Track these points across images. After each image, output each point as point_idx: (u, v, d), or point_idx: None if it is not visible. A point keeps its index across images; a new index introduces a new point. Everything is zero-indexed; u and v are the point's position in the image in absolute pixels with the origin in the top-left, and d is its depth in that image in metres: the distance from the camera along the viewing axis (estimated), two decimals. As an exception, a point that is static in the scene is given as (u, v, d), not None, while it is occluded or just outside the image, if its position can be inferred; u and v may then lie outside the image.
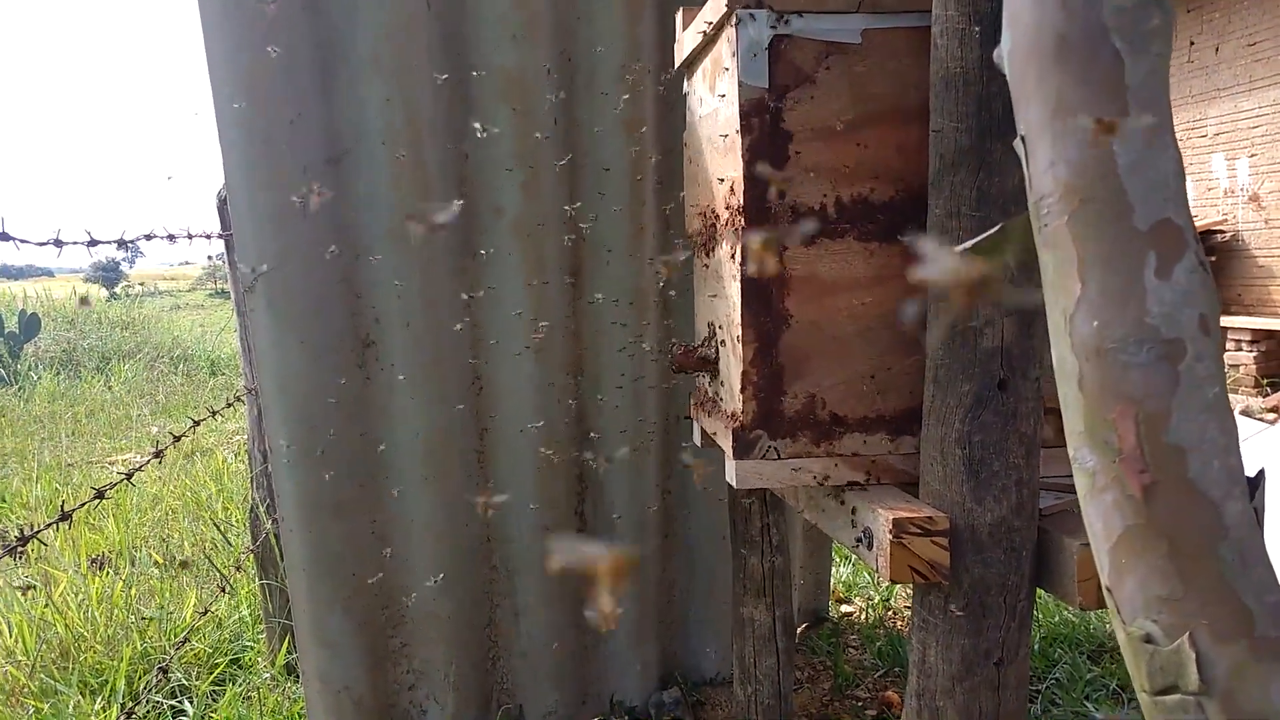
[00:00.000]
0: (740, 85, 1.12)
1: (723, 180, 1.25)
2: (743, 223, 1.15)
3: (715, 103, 1.28)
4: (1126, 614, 0.41)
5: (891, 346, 1.19)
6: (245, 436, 2.88)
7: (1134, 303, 0.39)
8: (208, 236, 2.08)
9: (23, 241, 1.18)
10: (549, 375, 2.00)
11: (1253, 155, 7.09)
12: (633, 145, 1.97)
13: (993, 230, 0.48)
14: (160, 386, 7.88)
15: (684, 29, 1.48)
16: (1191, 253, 0.40)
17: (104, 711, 2.37)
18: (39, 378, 8.22)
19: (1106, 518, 0.41)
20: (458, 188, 1.86)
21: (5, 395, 7.58)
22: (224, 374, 8.69)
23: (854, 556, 3.30)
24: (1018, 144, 0.44)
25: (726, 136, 1.20)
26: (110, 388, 7.90)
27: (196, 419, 1.99)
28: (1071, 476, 1.24)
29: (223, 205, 2.32)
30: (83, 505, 1.35)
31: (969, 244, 0.49)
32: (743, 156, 1.13)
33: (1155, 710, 0.40)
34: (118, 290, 21.19)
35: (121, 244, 1.53)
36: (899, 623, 2.83)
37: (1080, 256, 0.40)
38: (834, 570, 3.04)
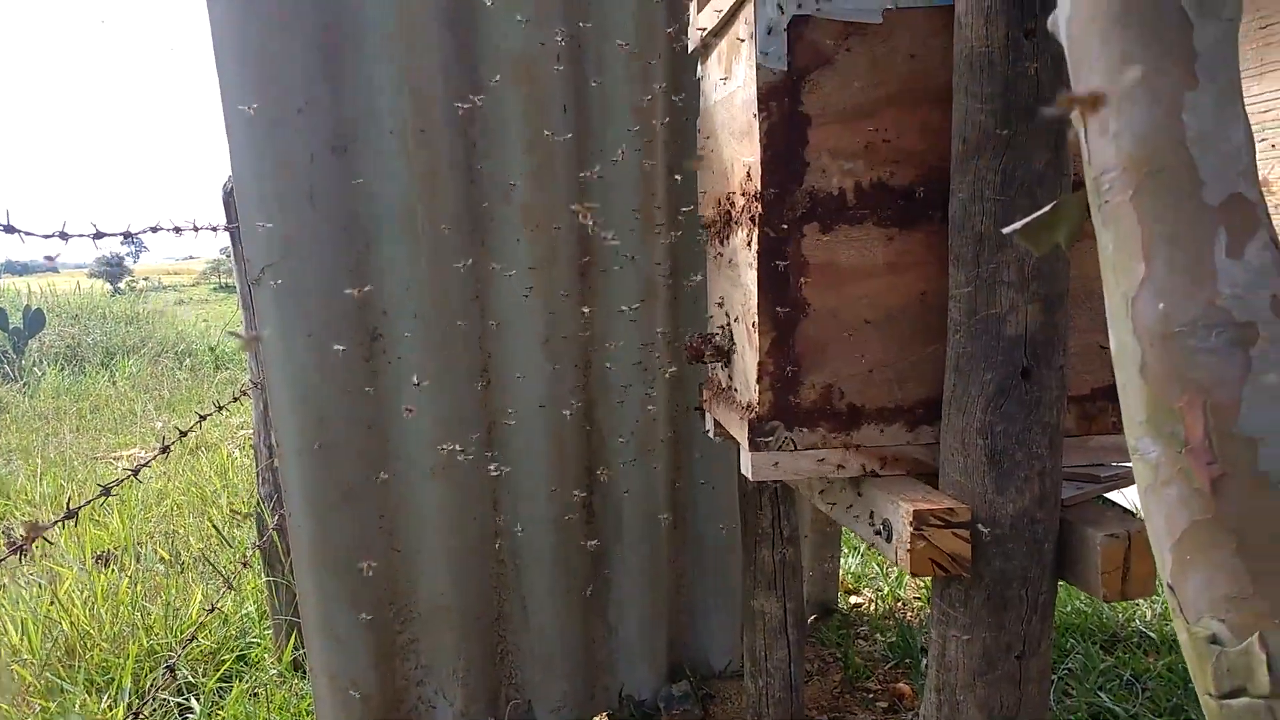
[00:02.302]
0: (758, 68, 1.09)
1: (739, 165, 1.22)
2: (759, 209, 1.12)
3: (731, 86, 1.25)
4: (1190, 613, 0.39)
5: (911, 335, 1.16)
6: (250, 431, 2.86)
7: (1204, 284, 0.37)
8: (214, 229, 2.06)
9: (28, 234, 1.16)
10: (557, 366, 1.98)
11: (1263, 139, 7.04)
12: (644, 130, 1.94)
13: (1044, 209, 0.46)
14: (164, 382, 7.88)
15: (698, 10, 1.45)
16: (1264, 230, 0.37)
17: (110, 710, 2.36)
18: (43, 373, 8.21)
19: (1170, 512, 0.39)
20: (466, 176, 1.83)
21: (10, 391, 7.57)
22: (228, 369, 8.68)
23: (863, 548, 3.29)
24: (1075, 115, 0.41)
25: (743, 120, 1.18)
26: (114, 383, 7.89)
27: (202, 414, 1.97)
28: (1094, 466, 1.22)
29: (229, 197, 2.30)
30: (89, 503, 1.33)
31: (1019, 224, 0.46)
32: (760, 141, 1.10)
33: (1221, 714, 0.38)
34: (122, 285, 21.20)
35: (127, 236, 1.51)
36: (909, 614, 2.81)
37: (1145, 234, 0.38)
38: (843, 561, 3.02)
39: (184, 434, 1.69)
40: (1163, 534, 0.39)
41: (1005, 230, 0.41)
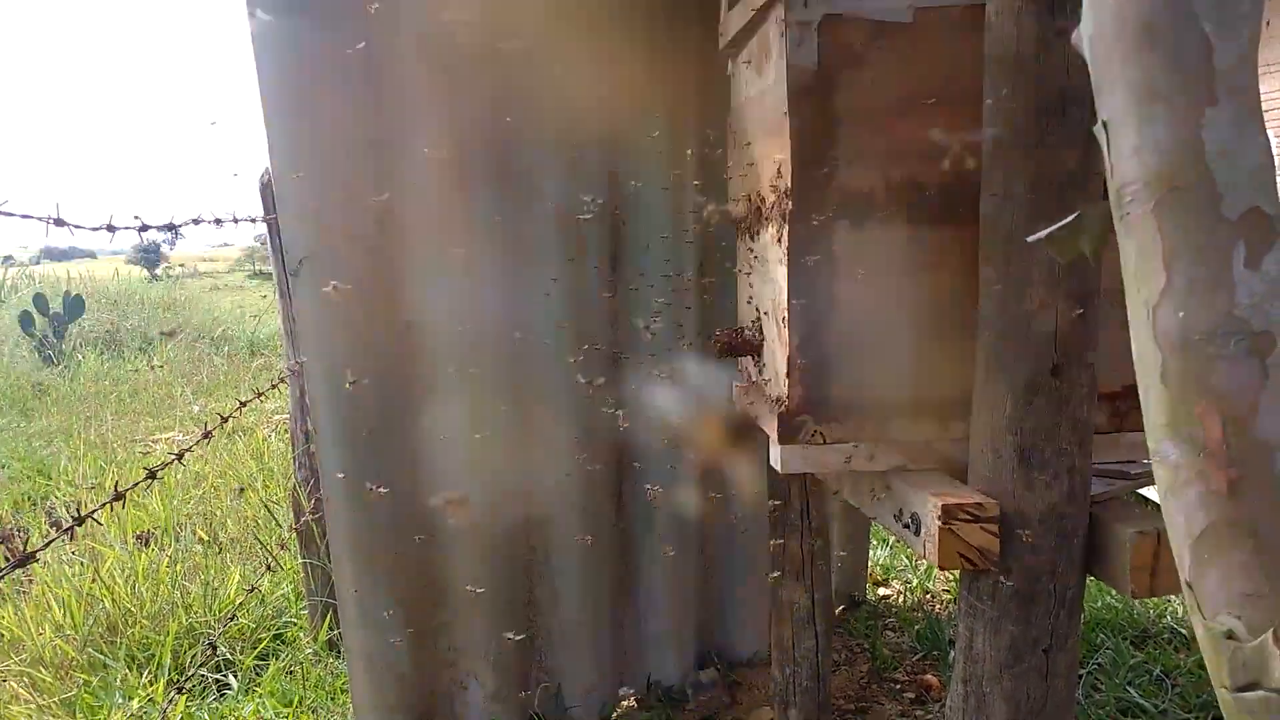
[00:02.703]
0: (789, 66, 1.10)
1: (770, 162, 1.24)
2: (790, 206, 1.14)
3: (763, 84, 1.26)
4: (1208, 610, 0.40)
5: (941, 331, 1.17)
6: (286, 416, 2.91)
7: (1222, 294, 0.38)
8: (252, 220, 2.11)
9: (77, 227, 1.20)
10: (586, 348, 2.00)
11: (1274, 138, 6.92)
12: (676, 127, 1.96)
13: (1070, 218, 0.47)
14: (202, 367, 8.00)
15: (729, 8, 1.46)
16: (1282, 243, 0.39)
17: (151, 684, 2.43)
18: (83, 358, 8.37)
19: (1189, 512, 0.40)
20: (497, 173, 1.86)
21: (50, 375, 7.73)
22: (263, 355, 8.80)
23: (892, 539, 3.29)
24: (1098, 130, 0.43)
25: (774, 118, 1.19)
26: (153, 368, 8.03)
27: (243, 400, 2.02)
28: (1126, 462, 1.23)
29: (265, 188, 2.34)
30: (135, 485, 1.37)
31: (1045, 232, 0.48)
32: (791, 138, 1.12)
33: (1235, 707, 0.40)
34: (159, 272, 21.51)
35: (171, 228, 1.55)
36: (937, 606, 2.82)
37: (1165, 245, 0.39)
38: (871, 553, 3.03)
39: (224, 420, 1.73)
40: (1182, 534, 0.41)
41: (1030, 239, 0.42)
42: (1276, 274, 0.38)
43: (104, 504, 1.23)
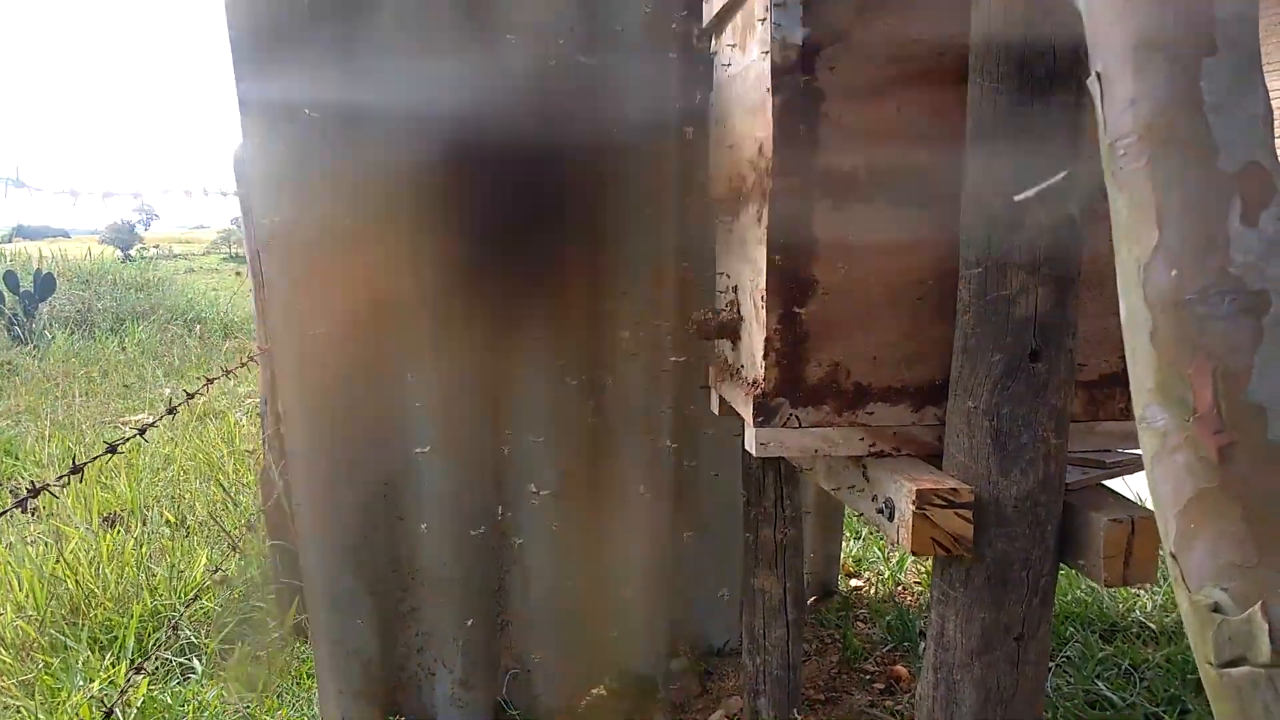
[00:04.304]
0: (773, 42, 1.08)
1: (751, 141, 1.22)
2: (770, 184, 1.12)
3: (745, 61, 1.24)
4: (1193, 581, 0.39)
5: (919, 315, 1.16)
6: (258, 398, 2.87)
7: (1216, 251, 0.37)
8: (224, 193, 2.06)
9: (37, 189, 1.16)
10: (564, 340, 1.97)
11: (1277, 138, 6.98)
12: (656, 104, 1.93)
13: (1058, 177, 0.45)
14: (174, 349, 7.90)
15: (713, -15, 1.44)
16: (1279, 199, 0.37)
17: (113, 667, 2.38)
18: (53, 337, 8.24)
19: (1176, 480, 0.39)
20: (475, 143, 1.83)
21: (20, 354, 7.60)
22: (237, 337, 8.71)
23: (864, 532, 3.29)
24: (1092, 82, 0.41)
25: (756, 95, 1.17)
26: (124, 349, 7.92)
27: (210, 378, 1.98)
28: (1101, 452, 1.22)
29: (240, 163, 2.30)
30: (95, 459, 1.34)
31: (1031, 191, 0.46)
32: (773, 116, 1.10)
33: (1220, 684, 0.38)
34: (132, 253, 21.24)
35: (136, 196, 1.51)
36: (908, 598, 2.82)
37: (1159, 201, 0.38)
38: (844, 545, 3.03)
39: (191, 396, 1.70)
40: (1168, 502, 0.39)
41: (1017, 197, 0.41)
42: (1274, 232, 0.37)
43: (61, 477, 1.20)
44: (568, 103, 1.81)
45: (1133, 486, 2.65)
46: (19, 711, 2.19)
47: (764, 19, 1.11)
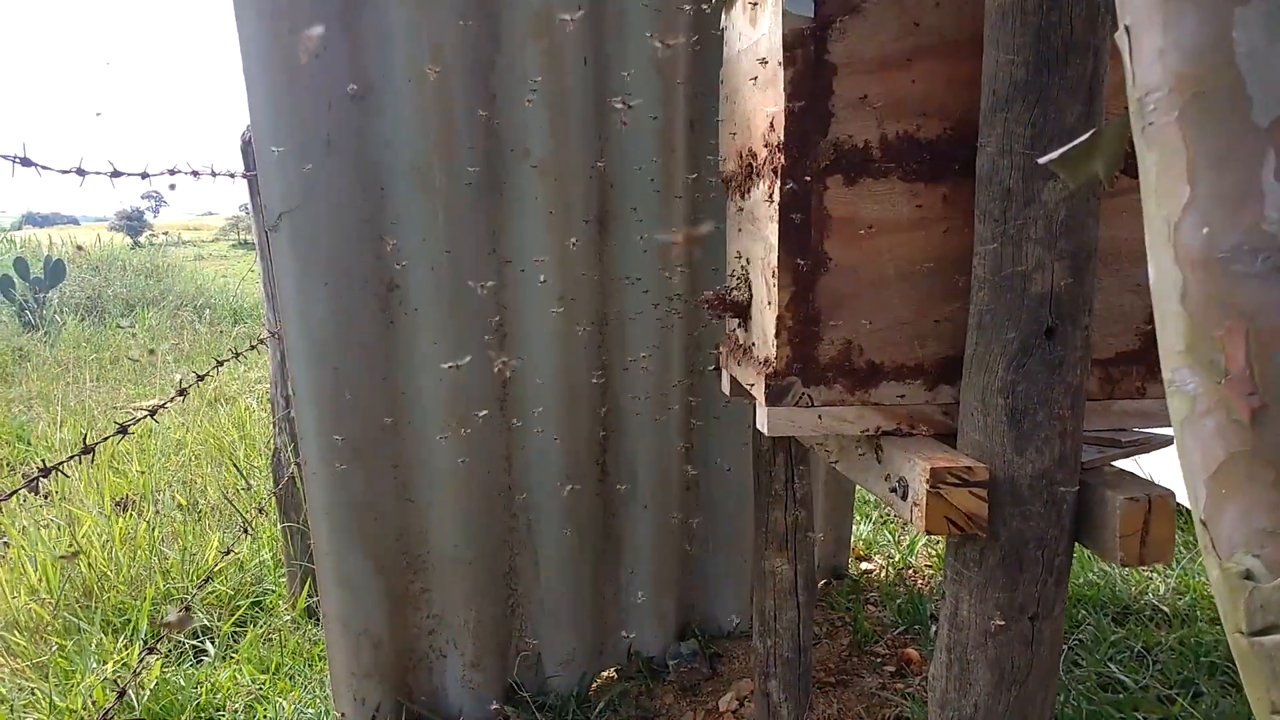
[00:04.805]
0: (784, 14, 1.07)
1: (762, 116, 1.20)
2: (782, 160, 1.10)
3: (756, 34, 1.23)
4: (1224, 548, 0.38)
5: (933, 292, 1.15)
6: (269, 382, 2.87)
7: (1250, 207, 0.35)
8: (231, 175, 2.06)
9: (44, 168, 1.15)
10: (573, 324, 1.97)
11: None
12: (665, 87, 1.92)
13: (1084, 137, 0.44)
14: (184, 334, 7.93)
15: (722, -40, 1.42)
16: (1315, 153, 0.36)
17: (126, 649, 2.40)
18: (64, 323, 8.28)
19: (1206, 445, 0.38)
20: (484, 127, 1.81)
21: (31, 340, 7.64)
22: (246, 323, 8.73)
23: (875, 515, 3.29)
24: (1120, 36, 0.40)
25: (767, 69, 1.15)
26: (134, 335, 7.94)
27: (220, 359, 1.98)
28: (1116, 431, 1.21)
29: (247, 146, 2.29)
30: (105, 439, 1.34)
31: (1055, 154, 0.45)
32: (784, 90, 1.08)
33: (1251, 653, 0.37)
34: (142, 239, 21.31)
35: (144, 176, 1.50)
36: (919, 581, 2.82)
37: (1190, 156, 0.37)
38: (855, 528, 3.02)
39: (201, 378, 1.69)
40: (1198, 468, 0.38)
41: (1041, 160, 0.40)
42: (1308, 187, 0.36)
43: (72, 456, 1.20)
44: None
45: (1146, 468, 2.63)
46: (33, 693, 2.20)
47: (775, -9, 1.09)
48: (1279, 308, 0.35)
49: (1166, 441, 1.17)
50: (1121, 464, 1.18)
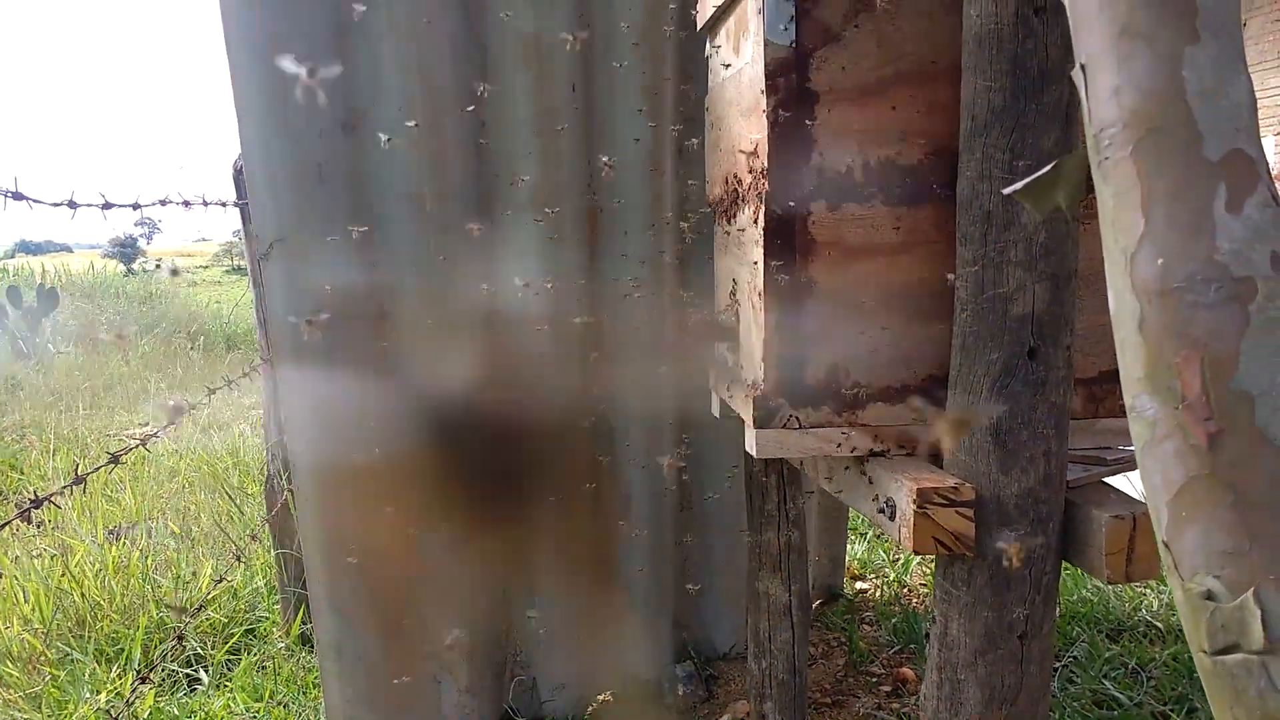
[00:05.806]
0: (766, 44, 1.09)
1: (746, 142, 1.22)
2: (766, 186, 1.12)
3: (740, 63, 1.25)
4: (1185, 569, 0.39)
5: (918, 314, 1.16)
6: (261, 410, 2.88)
7: (1202, 238, 0.37)
8: (223, 204, 2.07)
9: (36, 201, 1.17)
10: (565, 347, 1.98)
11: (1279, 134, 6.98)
12: (652, 113, 1.94)
13: (1046, 169, 0.45)
14: (177, 361, 7.92)
15: (707, -11, 1.44)
16: (1264, 186, 0.37)
17: (120, 679, 2.39)
18: (56, 351, 8.26)
19: (1166, 468, 0.39)
20: (475, 155, 1.83)
21: (24, 368, 7.62)
22: (240, 349, 8.72)
23: (869, 534, 3.29)
24: (1076, 73, 0.41)
25: (751, 97, 1.17)
26: (127, 362, 7.93)
27: (212, 388, 1.98)
28: (1101, 449, 1.22)
29: (239, 175, 2.31)
30: (97, 469, 1.34)
31: (1020, 184, 0.46)
32: (768, 118, 1.10)
33: (1214, 671, 0.38)
34: (135, 266, 21.30)
35: (136, 207, 1.52)
36: (914, 600, 2.82)
37: (1145, 189, 0.38)
38: (849, 548, 3.02)
39: (193, 406, 1.70)
40: (1159, 491, 0.39)
41: (1005, 190, 0.41)
42: (1259, 218, 0.37)
43: (65, 487, 1.20)
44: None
45: (1134, 484, 2.64)
46: (26, 724, 2.19)
47: (756, 22, 1.11)
48: (1232, 336, 0.36)
49: (1151, 459, 1.18)
50: (1114, 481, 1.19)
